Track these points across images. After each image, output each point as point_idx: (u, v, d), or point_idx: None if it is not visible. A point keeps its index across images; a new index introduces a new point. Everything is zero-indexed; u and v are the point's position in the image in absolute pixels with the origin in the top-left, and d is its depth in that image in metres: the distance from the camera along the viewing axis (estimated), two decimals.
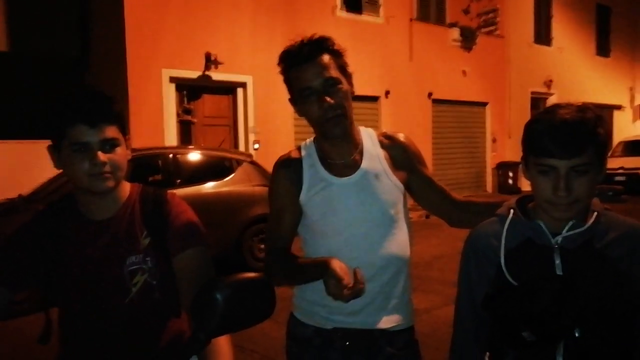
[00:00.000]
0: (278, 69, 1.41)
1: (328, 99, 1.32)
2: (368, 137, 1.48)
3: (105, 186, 1.22)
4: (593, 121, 1.08)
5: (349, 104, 1.37)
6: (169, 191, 1.36)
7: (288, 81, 1.40)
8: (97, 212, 1.28)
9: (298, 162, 1.45)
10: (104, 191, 1.24)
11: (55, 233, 1.26)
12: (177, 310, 1.31)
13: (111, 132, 1.22)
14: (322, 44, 1.36)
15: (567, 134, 1.06)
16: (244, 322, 1.00)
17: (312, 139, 1.50)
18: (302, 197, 1.41)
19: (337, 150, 1.42)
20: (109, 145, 1.22)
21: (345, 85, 1.36)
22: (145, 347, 1.27)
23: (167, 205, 1.31)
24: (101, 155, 1.19)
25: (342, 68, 1.38)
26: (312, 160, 1.44)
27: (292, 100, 1.43)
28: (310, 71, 1.33)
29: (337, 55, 1.38)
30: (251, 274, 1.00)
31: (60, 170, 1.27)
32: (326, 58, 1.35)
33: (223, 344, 1.22)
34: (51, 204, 1.33)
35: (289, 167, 1.44)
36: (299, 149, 1.49)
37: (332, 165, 1.42)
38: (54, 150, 1.24)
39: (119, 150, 1.24)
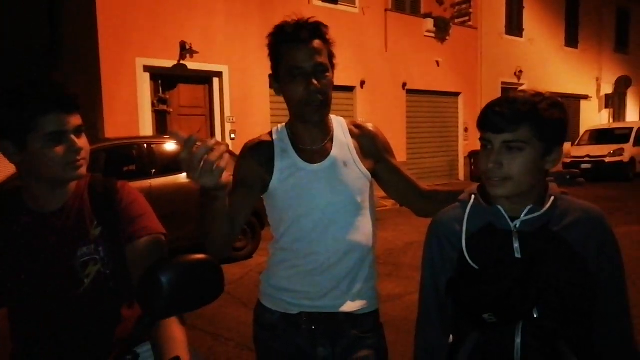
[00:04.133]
0: (254, 59, 1.43)
1: (315, 82, 1.33)
2: (339, 126, 1.49)
3: (79, 173, 1.21)
4: (537, 102, 1.09)
5: (331, 93, 1.39)
6: (119, 181, 1.34)
7: (275, 56, 1.39)
8: (45, 204, 1.24)
9: (269, 146, 1.45)
10: (76, 179, 1.23)
11: (0, 227, 1.22)
12: (131, 299, 1.29)
13: (79, 118, 1.21)
14: (319, 29, 1.36)
15: (502, 109, 1.09)
16: (191, 303, 0.99)
17: (284, 124, 1.50)
18: (274, 181, 1.41)
19: (310, 136, 1.44)
20: (79, 132, 1.21)
21: (331, 75, 1.39)
22: (100, 337, 1.25)
23: (118, 195, 1.29)
24: (78, 142, 1.19)
25: (330, 57, 1.40)
26: (284, 145, 1.44)
27: (275, 78, 1.41)
28: (303, 52, 1.33)
29: (328, 44, 1.39)
30: (198, 255, 0.98)
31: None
32: (320, 44, 1.36)
33: (174, 327, 1.20)
34: None
35: (259, 150, 1.44)
36: (270, 134, 1.49)
37: (303, 150, 1.43)
38: (9, 145, 1.17)
39: (84, 136, 1.23)
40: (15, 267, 1.21)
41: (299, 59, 1.33)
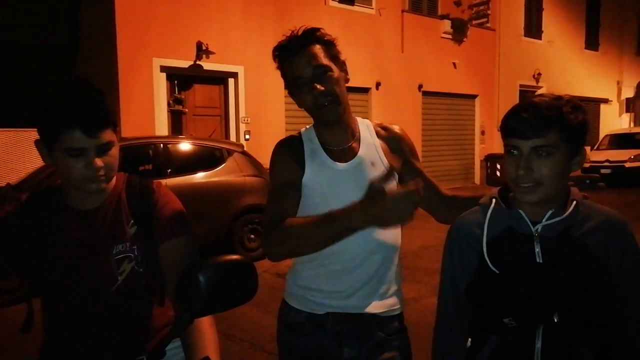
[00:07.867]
0: (270, 59, 1.44)
1: (319, 86, 1.36)
2: (365, 127, 1.52)
3: (98, 188, 1.23)
4: (561, 106, 1.10)
5: (342, 90, 1.40)
6: (154, 181, 1.37)
7: (283, 73, 1.43)
8: (83, 202, 1.28)
9: (300, 145, 1.47)
10: (96, 192, 1.25)
11: (40, 222, 1.25)
12: (162, 297, 1.32)
13: (107, 136, 1.19)
14: (311, 35, 1.39)
15: (529, 115, 1.10)
16: (226, 303, 1.01)
17: (311, 125, 1.52)
18: (305, 178, 1.43)
19: (335, 137, 1.46)
20: (104, 149, 1.20)
21: (336, 73, 1.40)
22: (131, 334, 1.28)
23: (154, 195, 1.32)
24: (97, 161, 1.18)
25: (334, 56, 1.41)
26: (314, 145, 1.47)
27: (290, 92, 1.46)
28: (300, 61, 1.37)
29: (328, 44, 1.41)
30: (234, 256, 1.01)
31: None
32: (316, 48, 1.38)
33: (207, 326, 1.23)
34: (35, 193, 1.31)
35: (291, 148, 1.46)
36: (299, 134, 1.52)
37: (331, 151, 1.46)
38: (43, 146, 1.21)
39: (112, 151, 1.23)
40: (51, 261, 1.23)
41: (297, 69, 1.38)
